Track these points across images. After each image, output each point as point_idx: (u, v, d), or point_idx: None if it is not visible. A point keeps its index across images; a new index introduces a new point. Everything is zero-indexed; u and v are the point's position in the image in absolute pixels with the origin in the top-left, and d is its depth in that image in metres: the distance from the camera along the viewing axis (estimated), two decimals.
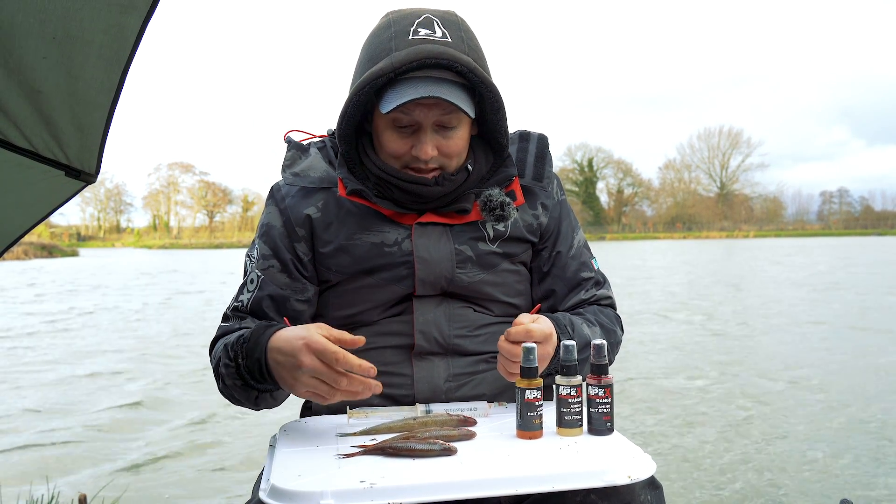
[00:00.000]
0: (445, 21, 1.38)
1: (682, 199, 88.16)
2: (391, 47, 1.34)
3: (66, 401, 6.64)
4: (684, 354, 8.39)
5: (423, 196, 1.40)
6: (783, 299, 13.84)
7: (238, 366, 1.30)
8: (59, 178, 2.04)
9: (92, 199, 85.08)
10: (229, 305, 1.50)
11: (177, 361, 8.51)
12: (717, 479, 4.26)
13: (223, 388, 1.40)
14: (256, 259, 1.49)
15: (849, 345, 8.73)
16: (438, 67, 1.32)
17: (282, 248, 1.47)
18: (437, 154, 1.38)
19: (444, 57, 1.31)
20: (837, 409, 5.77)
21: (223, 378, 1.36)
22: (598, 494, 1.11)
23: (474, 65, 1.34)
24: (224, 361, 1.34)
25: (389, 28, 1.37)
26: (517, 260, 1.50)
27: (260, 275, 1.47)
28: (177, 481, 4.45)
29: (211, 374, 1.44)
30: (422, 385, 1.41)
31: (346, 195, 1.42)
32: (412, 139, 1.38)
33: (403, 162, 1.40)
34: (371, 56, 1.37)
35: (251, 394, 1.35)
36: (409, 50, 1.32)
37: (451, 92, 1.32)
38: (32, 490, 3.88)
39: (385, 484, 1.00)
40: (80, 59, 1.56)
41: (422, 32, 1.34)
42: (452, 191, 1.42)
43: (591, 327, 1.45)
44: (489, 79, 1.36)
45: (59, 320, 12.67)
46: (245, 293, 1.48)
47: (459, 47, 1.35)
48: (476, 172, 1.45)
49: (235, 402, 1.42)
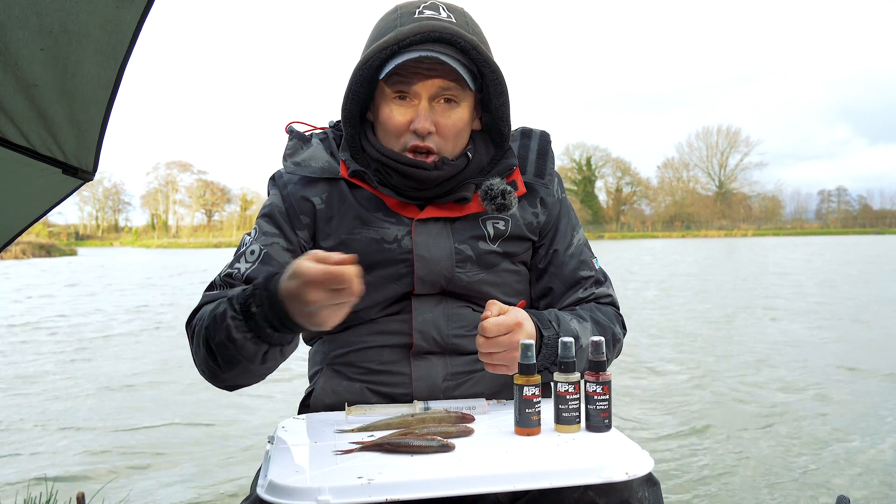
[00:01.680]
0: (451, 7, 1.42)
1: (681, 197, 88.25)
2: (396, 24, 1.37)
3: (65, 400, 6.63)
4: (687, 351, 8.40)
5: (422, 181, 1.39)
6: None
7: (251, 315, 1.18)
8: (57, 176, 2.04)
9: (90, 198, 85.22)
10: (220, 272, 1.42)
11: (177, 362, 8.50)
12: (714, 476, 4.26)
13: (215, 349, 1.25)
14: (257, 235, 1.44)
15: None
16: (442, 42, 1.35)
17: (287, 229, 1.45)
18: (435, 133, 1.38)
19: (447, 32, 1.34)
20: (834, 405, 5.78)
21: (224, 334, 1.22)
22: (596, 491, 1.10)
23: (477, 43, 1.36)
24: (230, 314, 1.21)
25: (395, 11, 1.41)
26: (517, 260, 1.50)
27: (262, 248, 1.42)
28: (174, 479, 4.44)
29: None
30: (420, 384, 1.40)
31: (347, 177, 1.42)
32: (411, 113, 1.38)
33: (402, 143, 1.40)
34: (377, 36, 1.40)
35: (259, 348, 1.22)
36: (413, 24, 1.35)
37: (451, 61, 1.33)
38: (30, 489, 3.88)
39: (383, 480, 1.00)
40: (77, 55, 1.56)
41: (427, 13, 1.38)
42: (452, 177, 1.41)
43: (581, 322, 1.41)
44: (492, 58, 1.38)
45: (71, 314, 12.67)
46: (242, 262, 1.41)
47: (464, 28, 1.38)
48: (476, 162, 1.45)
49: (227, 364, 1.26)
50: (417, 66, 1.35)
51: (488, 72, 1.38)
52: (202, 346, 1.29)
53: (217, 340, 1.24)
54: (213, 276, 1.43)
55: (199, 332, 1.30)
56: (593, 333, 1.41)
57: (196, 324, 1.33)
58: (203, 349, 1.29)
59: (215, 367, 1.29)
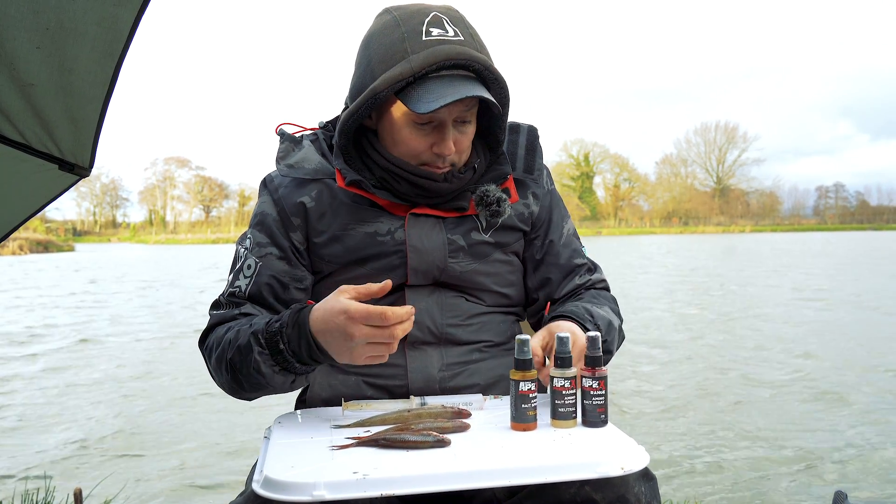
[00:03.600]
0: (453, 19, 1.38)
1: (679, 193, 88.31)
2: (405, 49, 1.32)
3: (65, 398, 6.63)
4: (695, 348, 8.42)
5: (430, 191, 1.41)
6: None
7: (280, 352, 1.24)
8: (53, 172, 2.04)
9: (88, 194, 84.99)
10: (223, 292, 1.46)
11: (176, 361, 8.50)
12: (711, 472, 4.28)
13: (242, 379, 1.31)
14: (251, 247, 1.47)
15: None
16: (456, 66, 1.33)
17: (278, 236, 1.46)
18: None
19: (462, 57, 1.32)
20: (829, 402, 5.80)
21: (252, 367, 1.27)
22: (592, 486, 1.11)
23: (489, 62, 1.36)
24: (257, 350, 1.26)
25: (399, 27, 1.35)
26: (509, 250, 1.51)
27: (258, 261, 1.45)
28: (171, 474, 4.45)
29: (202, 364, 1.40)
30: (416, 375, 1.41)
31: (345, 186, 1.43)
32: (433, 136, 1.38)
33: (421, 160, 1.40)
34: (384, 57, 1.34)
35: (287, 378, 1.28)
36: (427, 53, 1.31)
37: (477, 89, 1.32)
38: (28, 485, 3.88)
39: (378, 475, 1.00)
40: (74, 52, 1.56)
41: (434, 32, 1.34)
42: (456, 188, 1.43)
43: (601, 307, 1.46)
44: (501, 75, 1.38)
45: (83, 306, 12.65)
46: (241, 279, 1.45)
47: (472, 45, 1.36)
48: (477, 171, 1.47)
49: (253, 388, 1.33)
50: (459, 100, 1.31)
51: (497, 88, 1.38)
52: (225, 371, 1.34)
53: (244, 372, 1.30)
54: (217, 296, 1.47)
55: (221, 358, 1.34)
56: (616, 314, 1.49)
57: (212, 344, 1.38)
58: (227, 375, 1.34)
59: (240, 389, 1.35)
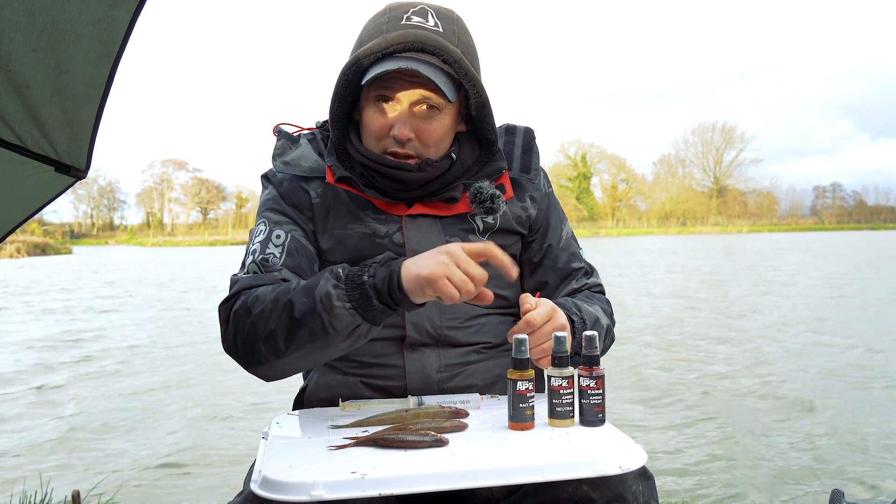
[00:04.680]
0: (441, 14, 1.41)
1: (676, 194, 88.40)
2: (382, 30, 1.37)
3: (63, 396, 6.62)
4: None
5: (406, 182, 1.41)
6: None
7: (360, 284, 1.18)
8: (49, 174, 2.04)
9: (85, 197, 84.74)
10: (249, 260, 1.38)
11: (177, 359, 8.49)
12: (708, 471, 4.28)
13: (298, 318, 1.21)
14: (271, 225, 1.43)
15: None
16: (426, 52, 1.35)
17: (295, 217, 1.45)
18: (415, 139, 1.39)
19: (431, 43, 1.34)
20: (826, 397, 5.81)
21: (319, 302, 1.19)
22: (590, 485, 1.11)
23: (461, 56, 1.36)
24: (332, 283, 1.20)
25: (385, 14, 1.40)
26: (507, 253, 1.50)
27: (286, 234, 1.41)
28: (169, 475, 4.45)
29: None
30: (414, 376, 1.41)
31: (333, 182, 1.43)
32: (393, 119, 1.39)
33: (383, 146, 1.41)
34: (362, 39, 1.40)
35: (355, 321, 1.19)
36: (399, 32, 1.35)
37: (432, 73, 1.33)
38: (26, 488, 3.87)
39: (376, 475, 1.00)
40: (70, 53, 1.56)
41: (414, 20, 1.38)
42: (436, 178, 1.43)
43: (591, 305, 1.46)
44: (475, 73, 1.38)
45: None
46: (272, 247, 1.39)
47: (450, 39, 1.38)
48: (460, 163, 1.46)
49: (302, 339, 1.22)
50: (400, 74, 1.35)
51: (469, 86, 1.38)
52: (264, 323, 1.24)
53: (305, 309, 1.21)
54: (237, 270, 1.40)
55: (277, 301, 1.24)
56: (608, 316, 1.48)
57: (250, 301, 1.28)
58: (262, 327, 1.24)
59: (273, 345, 1.25)
